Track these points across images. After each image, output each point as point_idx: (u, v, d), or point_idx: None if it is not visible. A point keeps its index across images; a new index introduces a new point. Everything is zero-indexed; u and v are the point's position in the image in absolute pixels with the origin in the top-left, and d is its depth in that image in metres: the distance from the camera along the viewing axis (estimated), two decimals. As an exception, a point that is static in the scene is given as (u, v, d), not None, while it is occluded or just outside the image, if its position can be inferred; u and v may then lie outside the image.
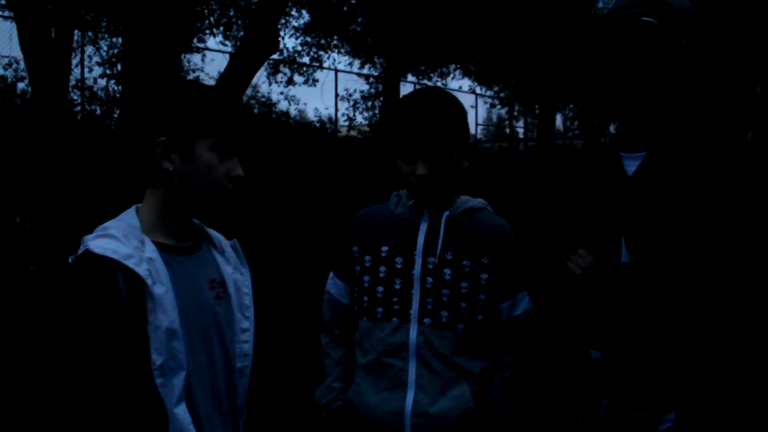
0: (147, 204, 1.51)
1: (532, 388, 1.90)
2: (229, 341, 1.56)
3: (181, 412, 1.39)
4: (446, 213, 1.80)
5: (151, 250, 1.42)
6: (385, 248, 1.82)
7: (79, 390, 1.34)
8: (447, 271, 1.77)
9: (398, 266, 1.79)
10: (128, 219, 1.48)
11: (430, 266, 1.78)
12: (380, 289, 1.80)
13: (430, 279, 1.77)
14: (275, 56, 13.33)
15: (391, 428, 1.74)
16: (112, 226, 1.45)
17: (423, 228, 1.81)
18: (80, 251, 1.40)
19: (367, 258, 1.84)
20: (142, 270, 1.37)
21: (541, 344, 1.87)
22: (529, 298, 1.86)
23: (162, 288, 1.40)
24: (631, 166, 1.66)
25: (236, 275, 1.62)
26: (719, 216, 1.52)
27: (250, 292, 1.64)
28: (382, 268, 1.81)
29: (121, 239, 1.40)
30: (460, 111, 1.78)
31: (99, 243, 1.39)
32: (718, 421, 1.53)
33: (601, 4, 1.62)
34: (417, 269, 1.78)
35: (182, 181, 1.47)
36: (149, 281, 1.37)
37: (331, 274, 1.98)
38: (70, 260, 1.42)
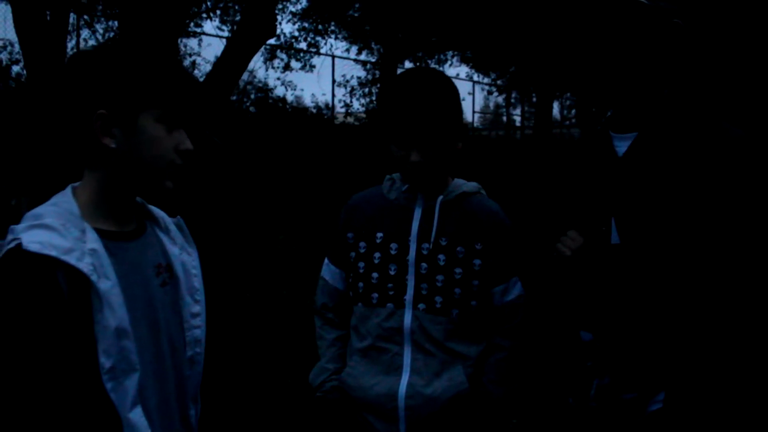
0: (87, 186, 1.34)
1: (524, 369, 1.91)
2: (175, 330, 1.42)
3: (137, 416, 1.26)
4: (440, 198, 1.80)
5: (93, 240, 1.25)
6: (379, 234, 1.82)
7: (20, 406, 1.16)
8: (441, 256, 1.77)
9: (393, 252, 1.79)
10: (66, 204, 1.29)
11: (425, 252, 1.78)
12: (375, 275, 1.80)
13: (424, 265, 1.77)
14: (272, 41, 13.30)
15: (385, 409, 1.76)
16: (47, 213, 1.25)
17: (417, 214, 1.81)
18: (10, 245, 1.19)
19: (362, 244, 1.84)
20: (85, 266, 1.21)
21: (532, 326, 1.88)
22: (521, 284, 1.86)
23: (108, 283, 1.24)
24: (622, 146, 1.66)
25: (183, 256, 1.48)
26: (709, 196, 1.52)
27: (199, 273, 1.50)
28: (377, 254, 1.81)
29: (59, 229, 1.22)
30: (453, 94, 1.75)
31: (34, 236, 1.19)
32: (707, 402, 1.55)
33: None
34: (411, 255, 1.78)
35: (126, 158, 1.31)
36: (94, 277, 1.21)
37: (326, 260, 1.98)
38: None
